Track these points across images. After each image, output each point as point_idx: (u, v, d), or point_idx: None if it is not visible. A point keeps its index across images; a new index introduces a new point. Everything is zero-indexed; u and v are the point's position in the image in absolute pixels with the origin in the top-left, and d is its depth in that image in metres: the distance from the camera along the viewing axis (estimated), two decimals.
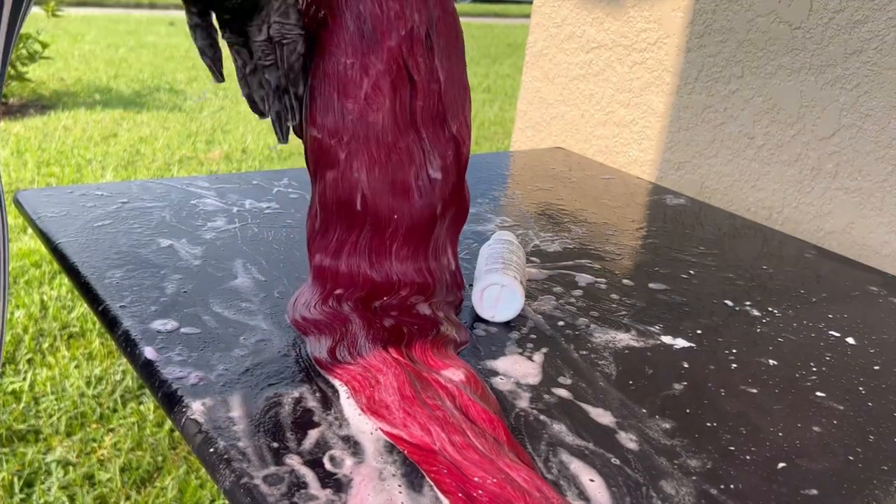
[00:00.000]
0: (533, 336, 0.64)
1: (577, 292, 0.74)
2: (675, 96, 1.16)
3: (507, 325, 0.66)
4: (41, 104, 4.09)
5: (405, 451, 0.47)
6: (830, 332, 0.71)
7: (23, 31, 4.10)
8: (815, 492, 0.48)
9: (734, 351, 0.66)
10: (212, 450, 0.46)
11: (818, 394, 0.60)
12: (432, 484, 0.45)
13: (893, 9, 0.90)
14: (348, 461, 0.46)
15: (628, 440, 0.51)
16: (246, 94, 0.58)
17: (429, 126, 0.57)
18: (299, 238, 0.79)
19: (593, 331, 0.66)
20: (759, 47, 1.04)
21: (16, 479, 1.37)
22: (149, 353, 0.55)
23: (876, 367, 0.65)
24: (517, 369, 0.59)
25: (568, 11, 1.33)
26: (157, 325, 0.59)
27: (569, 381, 0.58)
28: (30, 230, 2.41)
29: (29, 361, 1.75)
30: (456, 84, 0.59)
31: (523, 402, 0.55)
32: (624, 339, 0.66)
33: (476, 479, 0.45)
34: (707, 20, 1.10)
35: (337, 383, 0.54)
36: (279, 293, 0.66)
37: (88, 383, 1.68)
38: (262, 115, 0.58)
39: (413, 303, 0.61)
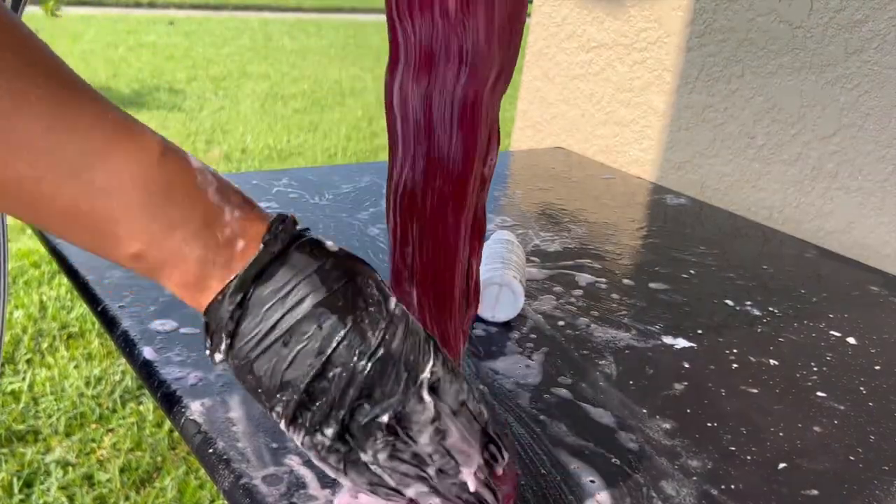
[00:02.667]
0: (533, 336, 0.64)
1: (578, 292, 0.74)
2: (675, 96, 1.16)
3: (507, 325, 0.65)
4: None
5: None
6: (831, 332, 0.71)
7: None
8: (815, 492, 0.48)
9: (735, 351, 0.65)
10: (211, 450, 0.46)
11: (819, 394, 0.60)
12: None
13: (894, 8, 0.89)
14: None
15: (629, 440, 0.51)
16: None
17: None
18: None
19: (593, 331, 0.66)
20: (759, 46, 1.04)
21: (15, 480, 1.37)
22: (148, 353, 0.55)
23: (877, 367, 0.65)
24: (517, 369, 0.59)
25: (568, 11, 1.33)
26: (157, 325, 0.59)
27: (569, 381, 0.58)
28: (29, 230, 2.41)
29: (28, 362, 1.75)
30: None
31: (523, 402, 0.54)
32: (624, 338, 0.65)
33: None
34: (707, 19, 1.10)
35: None
36: None
37: (88, 383, 1.68)
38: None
39: None
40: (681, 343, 0.66)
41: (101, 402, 1.62)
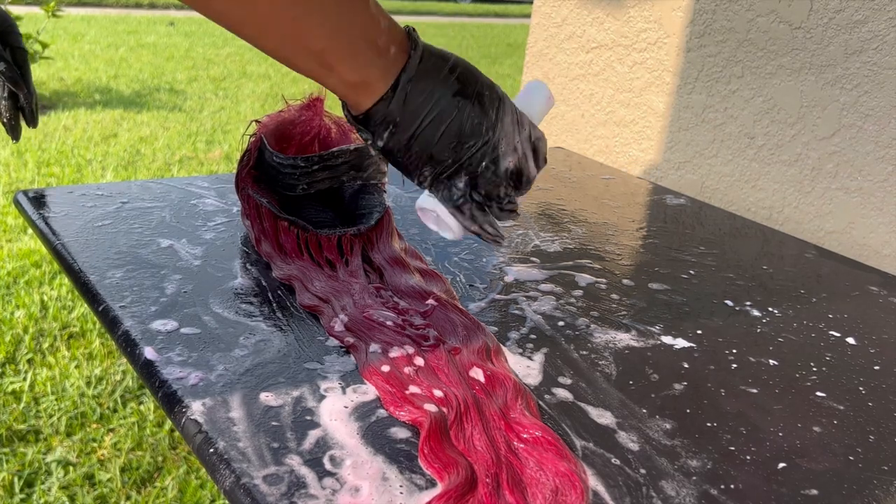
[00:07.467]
0: (533, 336, 0.64)
1: (578, 292, 0.74)
2: (675, 96, 1.16)
3: (507, 325, 0.66)
4: (41, 104, 4.09)
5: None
6: (831, 332, 0.71)
7: (23, 30, 4.10)
8: (815, 492, 0.48)
9: (734, 351, 0.66)
10: (212, 450, 0.46)
11: (818, 394, 0.60)
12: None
13: (893, 9, 0.90)
14: (348, 461, 0.46)
15: (628, 440, 0.51)
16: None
17: None
18: None
19: (593, 331, 0.66)
20: (759, 47, 1.04)
21: (16, 479, 1.37)
22: (149, 353, 0.55)
23: (876, 367, 0.65)
24: (517, 369, 0.59)
25: (568, 11, 1.33)
26: (158, 325, 0.59)
27: (569, 382, 0.58)
28: (30, 230, 2.41)
29: (29, 361, 1.75)
30: None
31: None
32: (624, 339, 0.66)
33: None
34: (707, 20, 1.10)
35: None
36: (280, 293, 0.66)
37: (88, 383, 1.68)
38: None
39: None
40: (680, 343, 0.66)
41: (101, 402, 1.62)
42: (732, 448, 0.52)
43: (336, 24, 0.45)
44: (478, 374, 0.56)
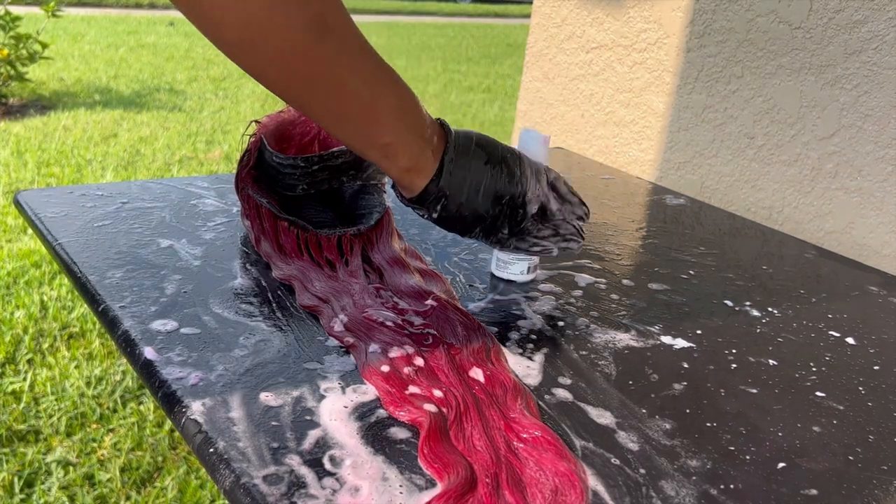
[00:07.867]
0: (533, 336, 0.64)
1: (577, 292, 0.74)
2: (675, 96, 1.16)
3: (507, 325, 0.66)
4: (41, 104, 4.10)
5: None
6: (830, 332, 0.71)
7: (23, 31, 4.11)
8: (814, 492, 0.48)
9: (734, 351, 0.66)
10: (211, 450, 0.46)
11: (818, 394, 0.60)
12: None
13: (893, 9, 0.90)
14: (348, 461, 0.46)
15: (628, 440, 0.51)
16: None
17: None
18: None
19: (593, 331, 0.66)
20: (759, 47, 1.04)
21: (16, 480, 1.37)
22: (149, 353, 0.55)
23: (876, 367, 0.65)
24: (517, 369, 0.59)
25: (568, 11, 1.34)
26: (157, 325, 0.59)
27: (569, 382, 0.58)
28: (30, 230, 2.41)
29: (29, 362, 1.75)
30: None
31: None
32: (624, 339, 0.66)
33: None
34: (707, 20, 1.10)
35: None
36: (280, 293, 0.66)
37: (88, 383, 1.68)
38: None
39: None
40: (680, 343, 0.66)
41: (101, 402, 1.63)
42: (732, 448, 0.52)
43: (400, 125, 0.56)
44: (477, 374, 0.56)
